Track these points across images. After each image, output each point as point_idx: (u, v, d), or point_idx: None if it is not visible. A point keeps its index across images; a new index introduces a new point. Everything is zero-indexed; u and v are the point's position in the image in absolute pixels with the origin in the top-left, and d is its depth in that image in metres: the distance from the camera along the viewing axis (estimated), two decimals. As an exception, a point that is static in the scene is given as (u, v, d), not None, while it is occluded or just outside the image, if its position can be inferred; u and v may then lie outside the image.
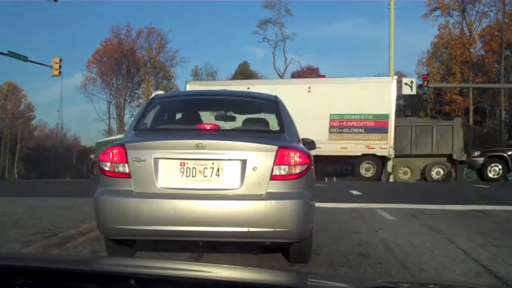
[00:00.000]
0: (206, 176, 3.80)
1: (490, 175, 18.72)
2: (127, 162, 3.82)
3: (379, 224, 6.86)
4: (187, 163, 3.80)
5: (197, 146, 3.77)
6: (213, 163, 3.80)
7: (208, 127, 4.23)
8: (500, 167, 18.59)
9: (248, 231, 3.71)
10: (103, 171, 3.91)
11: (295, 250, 4.18)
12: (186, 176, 3.80)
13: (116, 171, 3.85)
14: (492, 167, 18.71)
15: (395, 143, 19.16)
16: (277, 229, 3.74)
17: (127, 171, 3.82)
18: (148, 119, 4.57)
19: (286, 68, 56.00)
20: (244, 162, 3.77)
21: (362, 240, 5.67)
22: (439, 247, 5.26)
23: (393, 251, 5.11)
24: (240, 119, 5.05)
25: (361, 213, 8.11)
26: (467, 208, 8.77)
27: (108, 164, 3.89)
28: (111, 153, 3.89)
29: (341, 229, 6.41)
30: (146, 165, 3.79)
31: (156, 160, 3.79)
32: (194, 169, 3.80)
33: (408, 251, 5.09)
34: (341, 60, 76.42)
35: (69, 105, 78.73)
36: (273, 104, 4.70)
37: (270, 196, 3.75)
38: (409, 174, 20.53)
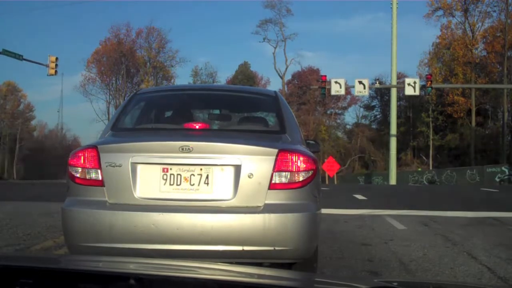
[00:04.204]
0: (193, 185, 3.20)
1: None
2: (100, 167, 3.22)
3: (389, 234, 6.27)
4: (170, 169, 3.20)
5: (182, 149, 3.16)
6: (201, 169, 3.20)
7: (197, 127, 3.63)
8: None
9: (243, 250, 3.11)
10: (72, 178, 3.32)
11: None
12: (170, 185, 3.20)
13: (87, 178, 3.26)
14: None
15: None
16: (277, 248, 3.13)
17: (99, 178, 3.22)
18: (129, 117, 3.98)
19: (286, 68, 55.55)
20: (238, 168, 3.17)
21: (372, 253, 5.08)
22: (459, 263, 4.67)
23: (408, 267, 4.52)
24: (235, 117, 4.45)
25: (368, 220, 7.52)
26: (480, 215, 8.21)
27: (79, 169, 3.29)
28: (82, 157, 3.29)
29: (347, 240, 5.82)
30: (122, 171, 3.19)
31: (134, 165, 3.20)
32: (179, 176, 3.20)
33: (425, 268, 4.51)
34: (343, 60, 75.83)
35: (69, 105, 78.17)
36: (273, 101, 4.10)
37: (268, 209, 3.15)
38: None
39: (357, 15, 78.34)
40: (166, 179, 3.19)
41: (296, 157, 3.23)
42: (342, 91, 27.95)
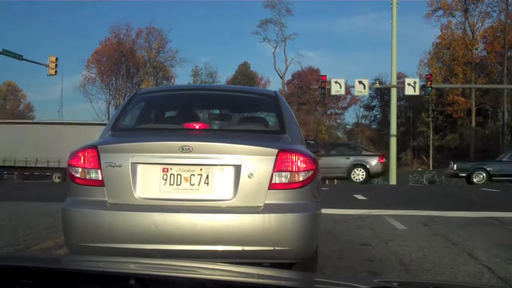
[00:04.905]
0: (193, 185, 3.20)
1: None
2: (100, 167, 3.23)
3: (389, 234, 6.27)
4: (170, 169, 3.20)
5: (182, 149, 3.17)
6: (201, 169, 3.20)
7: (197, 127, 3.63)
8: None
9: (243, 250, 3.11)
10: (72, 178, 3.32)
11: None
12: (170, 185, 3.20)
13: (87, 178, 3.26)
14: None
15: None
16: (277, 248, 3.14)
17: (99, 178, 3.22)
18: (129, 117, 3.98)
19: (286, 68, 55.56)
20: (238, 168, 3.17)
21: (372, 254, 5.08)
22: (459, 263, 4.67)
23: (408, 267, 4.52)
24: (235, 117, 4.45)
25: (368, 221, 7.52)
26: (481, 215, 8.20)
27: (79, 170, 3.29)
28: (82, 157, 3.30)
29: (347, 240, 5.82)
30: (122, 171, 3.19)
31: (134, 165, 3.20)
32: (179, 176, 3.20)
33: (425, 268, 4.51)
34: (343, 60, 75.81)
35: (69, 105, 78.28)
36: (273, 101, 4.11)
37: (268, 209, 3.15)
38: None
39: (357, 15, 78.35)
40: (166, 179, 3.20)
41: (296, 157, 3.24)
42: (342, 91, 27.92)
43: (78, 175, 3.29)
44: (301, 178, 3.23)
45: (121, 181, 3.19)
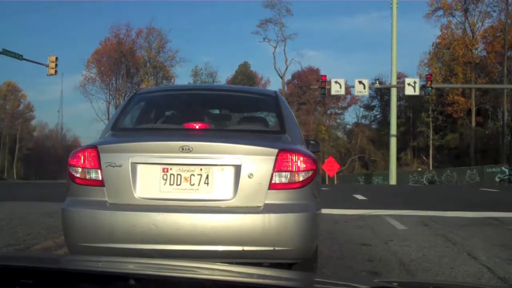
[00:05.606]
0: (193, 185, 3.20)
1: None
2: (100, 167, 3.22)
3: (389, 234, 6.27)
4: (170, 169, 3.20)
5: (182, 149, 3.17)
6: (201, 169, 3.20)
7: (197, 127, 3.63)
8: None
9: (243, 250, 3.11)
10: (72, 178, 3.32)
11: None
12: (170, 185, 3.20)
13: (87, 178, 3.26)
14: None
15: None
16: (277, 248, 3.13)
17: (99, 178, 3.22)
18: (129, 117, 3.98)
19: (286, 68, 55.58)
20: (238, 168, 3.17)
21: (372, 254, 5.08)
22: (459, 263, 4.67)
23: (408, 267, 4.52)
24: (235, 117, 4.45)
25: (368, 221, 7.52)
26: (481, 215, 8.20)
27: (79, 169, 3.29)
28: (82, 157, 3.30)
29: (347, 240, 5.82)
30: (122, 171, 3.19)
31: (134, 165, 3.20)
32: (179, 176, 3.20)
33: (425, 268, 4.51)
34: (343, 60, 75.79)
35: (69, 105, 78.38)
36: (273, 101, 4.10)
37: (268, 209, 3.15)
38: None
39: (357, 15, 78.35)
40: (166, 179, 3.20)
41: (296, 157, 3.24)
42: (342, 91, 27.97)
43: (78, 175, 3.29)
44: (301, 178, 3.23)
45: (121, 181, 3.19)
